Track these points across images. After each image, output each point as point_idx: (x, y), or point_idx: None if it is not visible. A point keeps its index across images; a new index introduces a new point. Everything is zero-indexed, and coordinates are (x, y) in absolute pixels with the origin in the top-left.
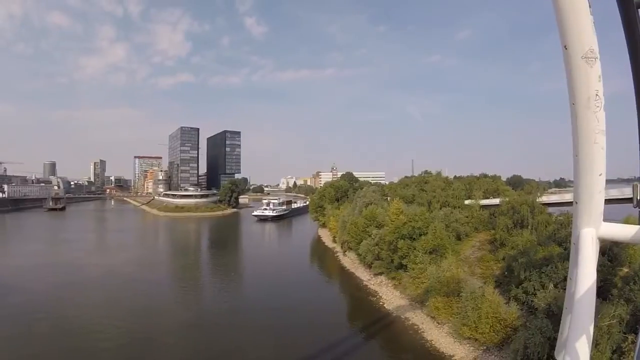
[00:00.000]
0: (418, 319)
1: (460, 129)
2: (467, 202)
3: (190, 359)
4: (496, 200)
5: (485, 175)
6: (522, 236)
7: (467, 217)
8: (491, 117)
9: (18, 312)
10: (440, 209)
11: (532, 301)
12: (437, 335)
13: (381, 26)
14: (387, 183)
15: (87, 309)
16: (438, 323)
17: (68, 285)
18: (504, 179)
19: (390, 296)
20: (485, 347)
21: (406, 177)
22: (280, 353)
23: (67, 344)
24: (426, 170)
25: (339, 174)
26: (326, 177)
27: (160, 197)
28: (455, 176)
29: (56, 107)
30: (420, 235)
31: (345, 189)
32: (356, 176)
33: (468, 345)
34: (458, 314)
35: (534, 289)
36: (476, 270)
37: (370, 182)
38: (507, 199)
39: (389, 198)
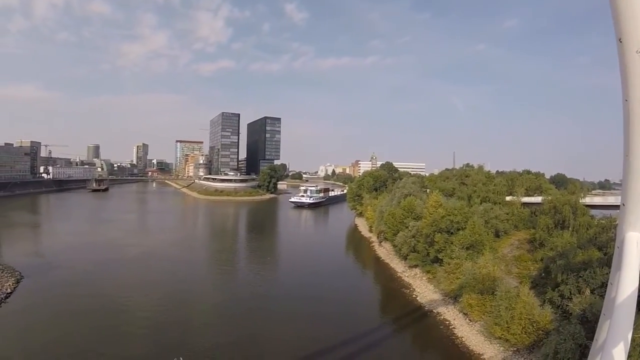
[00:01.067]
0: (450, 314)
1: (504, 122)
2: (508, 198)
3: (222, 341)
4: (538, 199)
5: (528, 172)
6: (562, 237)
7: (507, 214)
8: (536, 111)
9: (59, 290)
10: (481, 204)
11: (567, 305)
12: (468, 333)
13: (424, 13)
14: (427, 175)
15: (125, 287)
16: (470, 320)
17: (108, 263)
18: (547, 176)
19: (423, 289)
20: (515, 349)
21: (447, 169)
22: (311, 341)
23: (103, 322)
24: (468, 164)
25: (379, 164)
26: (365, 166)
27: (201, 181)
28: (497, 171)
29: (100, 92)
30: (458, 229)
31: (384, 178)
32: (396, 166)
33: (498, 345)
34: (491, 312)
35: (570, 293)
36: (513, 270)
37: (410, 173)
38: (549, 198)
39: (428, 190)
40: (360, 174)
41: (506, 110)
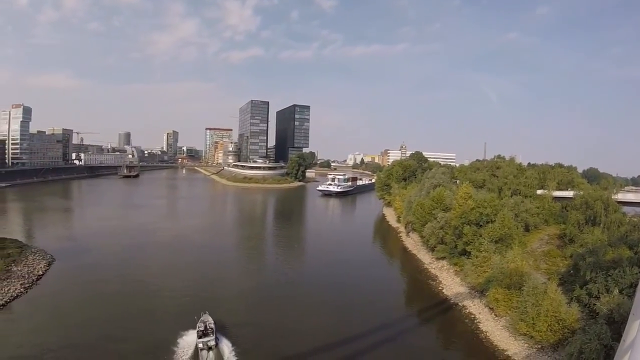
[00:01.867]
0: (476, 308)
1: (536, 114)
2: (539, 191)
3: (247, 328)
4: (570, 193)
5: (560, 165)
6: (593, 234)
7: (537, 207)
8: (570, 102)
9: (89, 273)
10: (511, 196)
11: (594, 305)
12: (493, 328)
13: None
14: (457, 165)
15: (154, 272)
16: (495, 315)
17: (139, 248)
18: (579, 170)
19: (450, 282)
20: (539, 346)
21: (477, 160)
22: (335, 329)
23: (131, 305)
24: (499, 155)
25: (408, 153)
26: (395, 156)
27: (230, 168)
28: (529, 163)
29: (131, 81)
30: (488, 222)
31: (414, 168)
32: (425, 156)
33: (523, 341)
34: (517, 308)
35: (598, 292)
36: (541, 265)
37: (440, 164)
38: (581, 193)
39: (458, 181)
40: (390, 163)
41: (539, 102)
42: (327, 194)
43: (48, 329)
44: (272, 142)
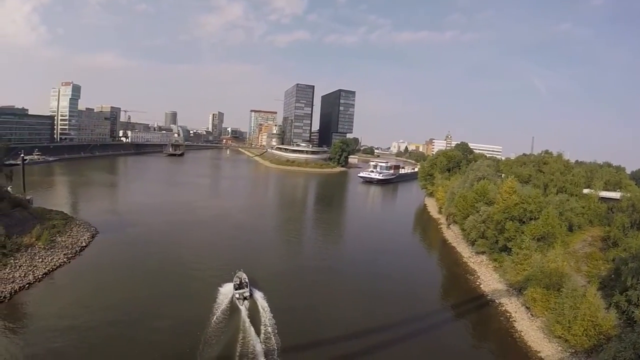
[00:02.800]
0: (512, 306)
1: (587, 109)
2: (585, 191)
3: (282, 312)
4: (617, 194)
5: (609, 165)
6: (638, 239)
7: (583, 207)
8: (622, 99)
9: (131, 246)
10: (556, 194)
11: (632, 312)
12: (528, 328)
13: None
14: (503, 159)
15: (194, 249)
16: (532, 315)
17: (180, 224)
18: (628, 171)
19: (488, 278)
20: (573, 350)
21: (524, 154)
22: (369, 317)
23: (169, 281)
24: (546, 150)
25: (453, 143)
26: (439, 145)
27: (273, 150)
28: (576, 161)
29: (178, 61)
30: (531, 219)
31: (459, 159)
32: (471, 147)
33: (557, 344)
34: (554, 309)
35: (638, 299)
36: (582, 267)
37: (485, 156)
38: (628, 195)
39: (503, 175)
40: (434, 153)
41: (589, 97)
42: (368, 181)
43: (89, 299)
44: (316, 126)
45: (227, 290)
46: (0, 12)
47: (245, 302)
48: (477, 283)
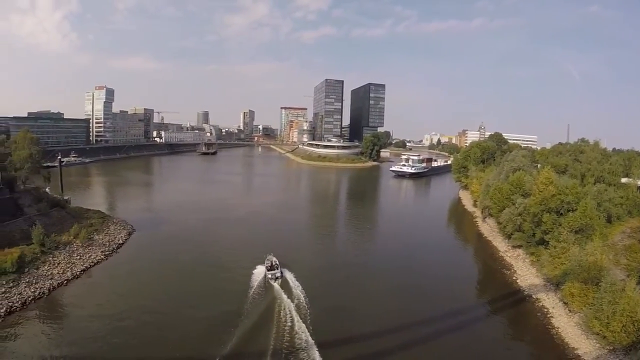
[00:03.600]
0: (549, 302)
1: (622, 94)
2: (624, 180)
3: (314, 309)
4: None
5: None
6: None
7: (621, 197)
8: None
9: (166, 244)
10: (594, 184)
11: None
12: (565, 324)
13: None
14: (538, 149)
15: (228, 246)
16: (569, 311)
17: (215, 222)
18: None
19: (525, 272)
20: (611, 347)
21: (560, 143)
22: (403, 313)
23: (203, 278)
24: (583, 139)
25: (487, 134)
26: (473, 137)
27: (304, 146)
28: (614, 149)
29: (207, 62)
30: (569, 211)
31: (493, 150)
32: (505, 138)
33: (595, 341)
34: (592, 305)
35: None
36: (621, 260)
37: (520, 146)
38: None
39: (539, 165)
40: (467, 145)
41: (622, 81)
42: (400, 175)
43: (126, 294)
44: (346, 121)
45: (259, 272)
46: (32, 21)
47: (277, 281)
48: (514, 278)
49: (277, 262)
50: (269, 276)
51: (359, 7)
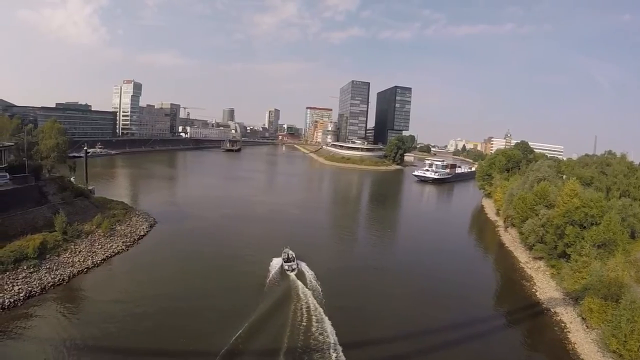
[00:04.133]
0: (567, 316)
1: None
2: None
3: (331, 311)
4: None
5: None
6: None
7: None
8: None
9: (187, 237)
10: (619, 198)
11: None
12: (582, 340)
13: None
14: (564, 159)
15: (248, 243)
16: (587, 327)
17: (236, 218)
18: None
19: (544, 285)
20: None
21: (586, 155)
22: (416, 318)
23: (221, 273)
24: (610, 151)
25: (513, 142)
26: (498, 144)
27: (328, 147)
28: None
29: (234, 60)
30: (592, 224)
31: (518, 159)
32: (531, 147)
33: (611, 359)
34: (610, 322)
35: None
36: None
37: (546, 156)
38: None
39: (564, 176)
40: (493, 152)
41: None
42: (423, 180)
43: (145, 285)
44: (371, 123)
45: (276, 263)
46: (62, 14)
47: (293, 272)
48: (533, 290)
49: (294, 255)
50: (286, 267)
51: (387, 9)
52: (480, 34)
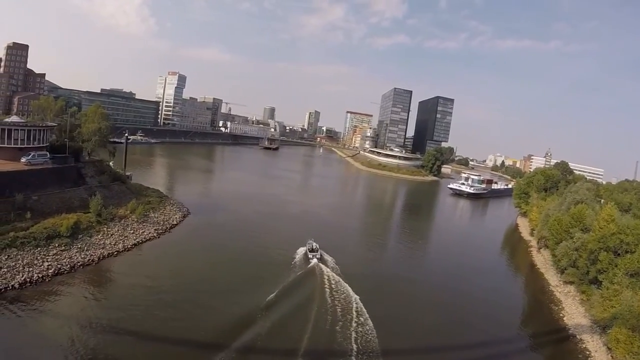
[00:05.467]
0: (593, 345)
1: None
2: None
3: (361, 320)
4: None
5: None
6: None
7: None
8: None
9: (218, 230)
10: None
11: None
12: None
13: None
14: (604, 182)
15: (278, 241)
16: (612, 357)
17: (268, 215)
18: None
19: (573, 310)
20: None
21: (627, 180)
22: (444, 333)
23: (249, 267)
24: None
25: (553, 161)
26: (538, 162)
27: (365, 153)
28: None
29: (278, 59)
30: (627, 252)
31: (557, 179)
32: (571, 167)
33: None
34: (637, 354)
35: None
36: None
37: (586, 178)
38: None
39: (602, 200)
40: (532, 170)
41: None
42: (458, 194)
43: (173, 272)
44: (410, 132)
45: (300, 252)
46: (114, 3)
47: (317, 260)
48: (561, 315)
49: (317, 246)
50: (310, 256)
51: (434, 18)
52: (525, 49)
